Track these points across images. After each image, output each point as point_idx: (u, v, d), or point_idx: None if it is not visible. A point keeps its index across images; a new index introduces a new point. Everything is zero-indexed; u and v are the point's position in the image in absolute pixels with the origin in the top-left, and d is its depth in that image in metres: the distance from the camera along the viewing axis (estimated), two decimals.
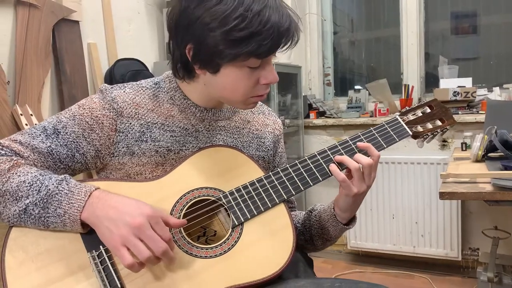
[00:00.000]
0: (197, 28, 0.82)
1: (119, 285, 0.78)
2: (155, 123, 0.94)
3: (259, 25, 0.80)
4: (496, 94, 2.49)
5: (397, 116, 1.01)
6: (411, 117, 1.02)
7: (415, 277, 2.61)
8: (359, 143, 0.94)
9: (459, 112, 2.51)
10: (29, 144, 0.87)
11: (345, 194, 0.93)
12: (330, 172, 0.93)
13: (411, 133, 0.99)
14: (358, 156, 0.92)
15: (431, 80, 2.89)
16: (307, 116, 2.96)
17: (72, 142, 0.89)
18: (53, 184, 0.81)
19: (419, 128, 1.02)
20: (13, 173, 0.81)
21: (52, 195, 0.80)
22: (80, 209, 0.79)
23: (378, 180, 2.62)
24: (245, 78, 0.87)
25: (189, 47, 0.86)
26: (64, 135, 0.89)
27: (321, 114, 2.99)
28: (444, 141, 2.60)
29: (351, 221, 1.00)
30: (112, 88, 0.95)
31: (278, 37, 0.82)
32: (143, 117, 0.93)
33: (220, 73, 0.86)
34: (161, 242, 0.76)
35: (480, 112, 2.47)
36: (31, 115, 1.62)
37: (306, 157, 0.96)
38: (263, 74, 0.88)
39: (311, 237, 1.04)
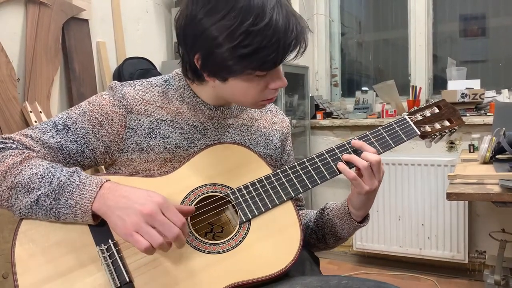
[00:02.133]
0: (205, 41, 0.82)
1: (127, 279, 0.78)
2: (164, 120, 0.94)
3: (263, 41, 0.79)
4: (505, 96, 2.47)
5: (406, 116, 1.01)
6: (419, 117, 1.02)
7: (421, 280, 2.60)
8: (353, 141, 0.94)
9: (467, 114, 2.49)
10: (39, 138, 0.88)
11: (357, 192, 0.93)
12: (339, 171, 0.93)
13: (419, 133, 0.99)
14: (366, 154, 0.91)
15: (439, 82, 2.88)
16: (314, 117, 2.96)
17: (82, 138, 0.90)
18: (64, 175, 0.82)
19: (427, 128, 1.01)
20: (25, 166, 0.82)
21: (63, 186, 0.80)
22: (91, 200, 0.80)
23: (384, 182, 2.61)
24: (253, 86, 0.87)
25: (197, 56, 0.86)
26: (74, 130, 0.90)
27: (328, 115, 2.99)
28: (452, 143, 2.59)
29: (364, 218, 1.01)
30: (122, 85, 0.96)
31: (283, 50, 0.81)
32: (152, 114, 0.94)
33: (229, 82, 0.87)
34: (174, 227, 0.76)
35: (488, 114, 2.46)
36: (40, 112, 1.64)
37: (314, 155, 0.96)
38: (272, 79, 0.88)
39: (323, 236, 1.04)
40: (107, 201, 0.79)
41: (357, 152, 0.94)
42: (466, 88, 2.48)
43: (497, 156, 1.79)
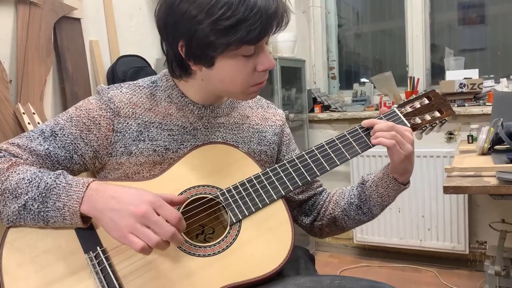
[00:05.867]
0: (185, 23, 0.82)
1: (117, 286, 0.77)
2: (152, 122, 0.93)
3: (246, 11, 0.79)
4: (503, 86, 2.45)
5: (395, 109, 1.00)
6: (409, 109, 1.01)
7: (422, 271, 2.60)
8: (364, 122, 0.96)
9: (466, 104, 2.47)
10: (27, 146, 0.87)
11: (398, 161, 0.93)
12: (348, 157, 0.94)
13: (409, 125, 0.98)
14: (375, 128, 0.93)
15: (437, 72, 2.86)
16: (312, 110, 2.95)
17: (70, 144, 0.89)
18: (51, 178, 0.81)
19: (418, 120, 1.00)
20: (12, 172, 0.82)
21: (50, 189, 0.80)
22: (79, 201, 0.79)
23: None
24: (241, 67, 0.86)
25: (180, 44, 0.86)
26: (62, 137, 0.89)
27: (326, 108, 2.97)
28: (451, 133, 2.57)
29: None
30: (108, 88, 0.95)
31: (266, 21, 0.82)
32: (140, 116, 0.93)
33: (216, 66, 0.86)
34: (168, 226, 0.75)
35: (487, 104, 2.43)
36: (34, 113, 1.63)
37: (303, 152, 0.95)
38: (259, 60, 0.87)
39: (369, 208, 1.03)
40: (96, 203, 0.78)
41: (347, 147, 0.95)
42: (464, 78, 2.46)
43: (495, 147, 1.77)
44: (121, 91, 0.94)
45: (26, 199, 0.79)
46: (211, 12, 0.79)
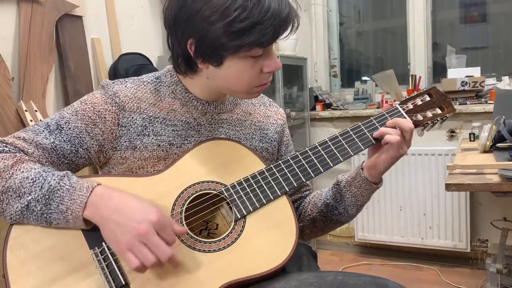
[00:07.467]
0: (198, 22, 0.82)
1: (123, 282, 0.77)
2: (157, 118, 0.93)
3: (260, 14, 0.79)
4: (505, 84, 2.45)
5: (397, 105, 1.00)
6: (410, 105, 1.01)
7: (423, 269, 2.60)
8: (388, 122, 0.96)
9: (467, 102, 2.47)
10: (32, 140, 0.87)
11: (391, 156, 0.94)
12: (345, 156, 0.94)
13: (411, 122, 0.98)
14: (399, 123, 0.94)
15: (439, 70, 2.85)
16: (313, 108, 2.95)
17: (76, 138, 0.89)
18: (55, 180, 0.81)
19: (419, 117, 1.01)
20: (16, 169, 0.81)
21: (54, 191, 0.79)
22: (82, 205, 0.79)
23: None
24: (248, 68, 0.86)
25: (190, 42, 0.85)
26: (67, 130, 0.89)
27: (327, 106, 2.97)
28: (452, 131, 2.57)
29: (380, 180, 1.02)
30: (113, 83, 0.95)
31: (279, 24, 0.82)
32: (145, 111, 0.93)
33: (224, 65, 0.86)
34: (166, 249, 0.76)
35: (488, 102, 2.43)
36: (36, 111, 1.63)
37: (307, 149, 0.95)
38: (266, 62, 0.88)
39: (345, 208, 1.03)
40: (100, 210, 0.78)
41: (350, 144, 0.95)
42: (466, 76, 2.46)
43: (497, 145, 1.77)
44: (125, 86, 0.94)
45: (29, 199, 0.79)
46: (226, 13, 0.79)
